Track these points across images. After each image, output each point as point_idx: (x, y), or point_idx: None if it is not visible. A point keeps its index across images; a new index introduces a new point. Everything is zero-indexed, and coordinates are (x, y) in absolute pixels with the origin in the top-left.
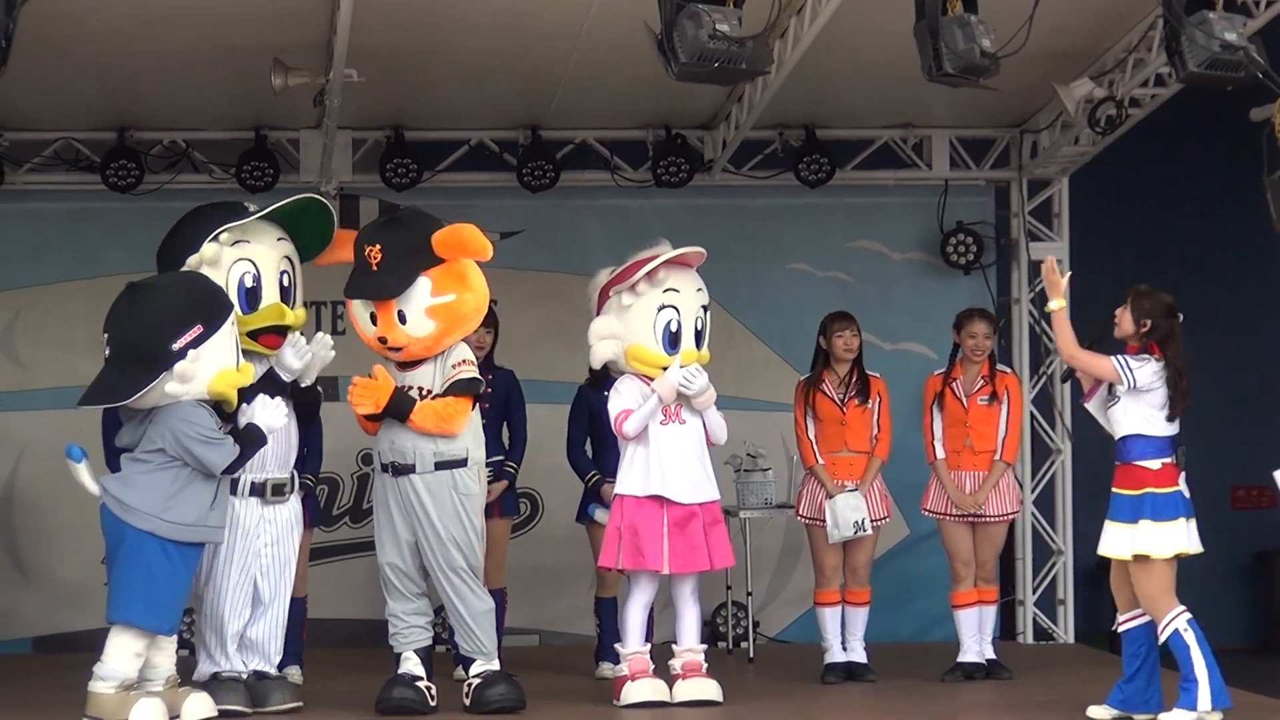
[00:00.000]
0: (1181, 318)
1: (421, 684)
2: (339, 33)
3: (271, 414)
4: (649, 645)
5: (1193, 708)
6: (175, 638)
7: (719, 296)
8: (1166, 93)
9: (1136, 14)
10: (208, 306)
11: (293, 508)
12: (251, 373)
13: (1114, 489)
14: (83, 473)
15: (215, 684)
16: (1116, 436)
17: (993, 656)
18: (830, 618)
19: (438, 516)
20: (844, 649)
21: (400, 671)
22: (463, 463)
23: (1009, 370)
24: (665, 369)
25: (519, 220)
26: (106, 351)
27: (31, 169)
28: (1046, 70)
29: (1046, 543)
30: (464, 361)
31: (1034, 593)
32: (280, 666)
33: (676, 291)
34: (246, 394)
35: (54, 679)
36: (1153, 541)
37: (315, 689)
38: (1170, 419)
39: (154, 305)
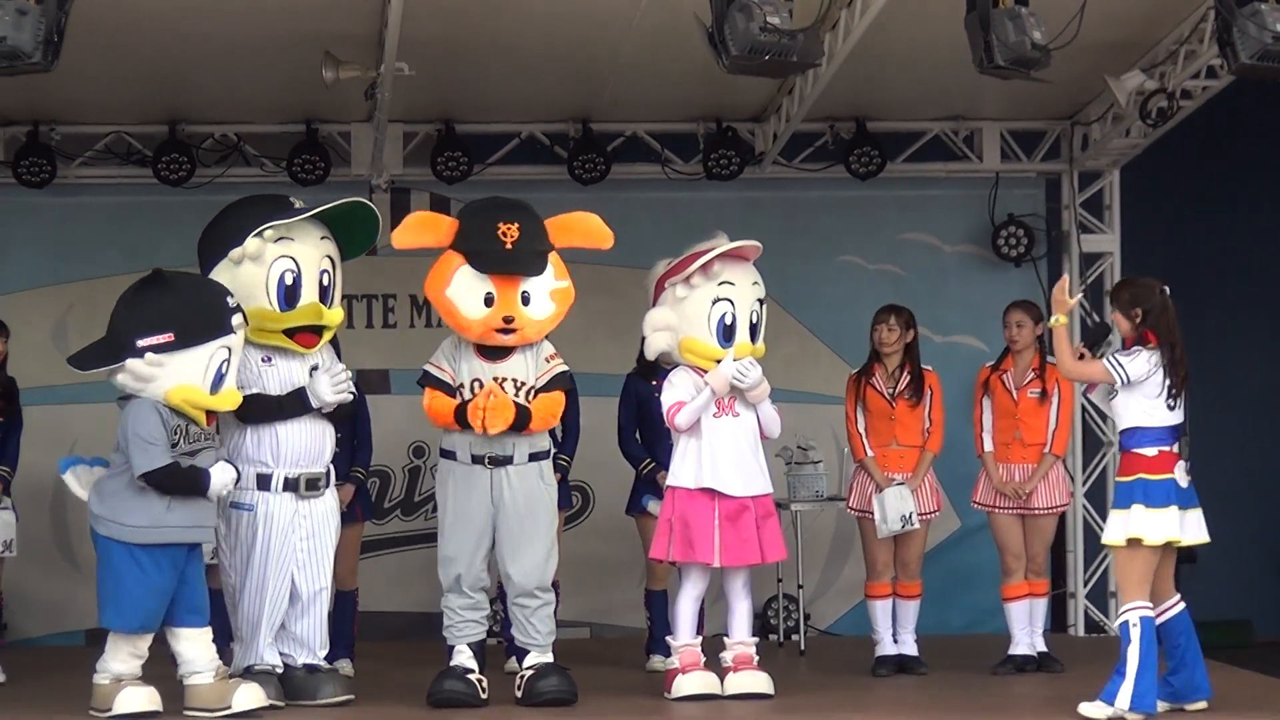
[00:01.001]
0: (1169, 290)
1: (473, 676)
2: (390, 26)
3: (220, 476)
4: (700, 638)
5: (1110, 700)
6: (207, 629)
7: (770, 289)
8: (1218, 85)
9: (1188, 6)
10: (194, 322)
11: (328, 501)
12: (238, 399)
13: (1116, 478)
14: (73, 484)
15: (250, 677)
16: (1119, 428)
17: (1044, 649)
18: (881, 610)
19: (526, 507)
20: (895, 641)
21: (453, 664)
22: (546, 454)
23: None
24: (719, 362)
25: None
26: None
27: (83, 163)
28: (1097, 62)
29: (1098, 535)
30: (555, 354)
31: (1085, 585)
32: (331, 659)
33: (732, 284)
34: (276, 409)
35: None
36: (1144, 526)
37: (366, 681)
38: (1171, 406)
39: (149, 297)
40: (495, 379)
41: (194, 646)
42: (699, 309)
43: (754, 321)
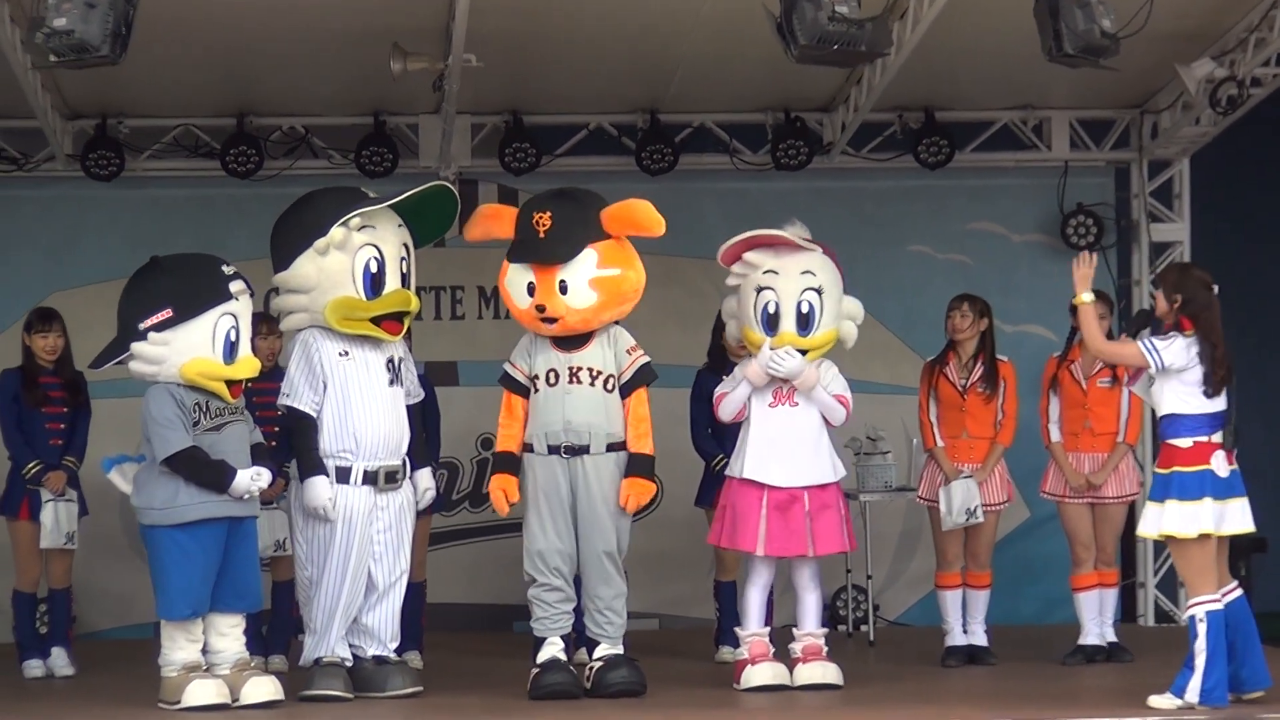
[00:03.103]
0: (1217, 289)
1: (573, 668)
2: (458, 17)
3: (245, 480)
4: (768, 628)
5: (1179, 693)
6: (238, 622)
7: None
8: None
9: None
10: (189, 293)
11: (405, 493)
12: (255, 367)
13: (1154, 469)
14: (119, 482)
15: (317, 669)
16: (1158, 415)
17: (1114, 639)
18: (951, 601)
19: (603, 497)
20: (964, 632)
21: (552, 657)
22: (622, 444)
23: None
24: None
25: None
26: None
27: (152, 155)
28: (1167, 50)
29: None
30: (636, 346)
31: (1155, 575)
32: (400, 651)
33: (775, 274)
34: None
35: None
36: (1176, 521)
37: (435, 673)
38: (1210, 395)
39: (144, 282)
40: (571, 369)
41: (221, 638)
42: (747, 298)
43: (804, 311)
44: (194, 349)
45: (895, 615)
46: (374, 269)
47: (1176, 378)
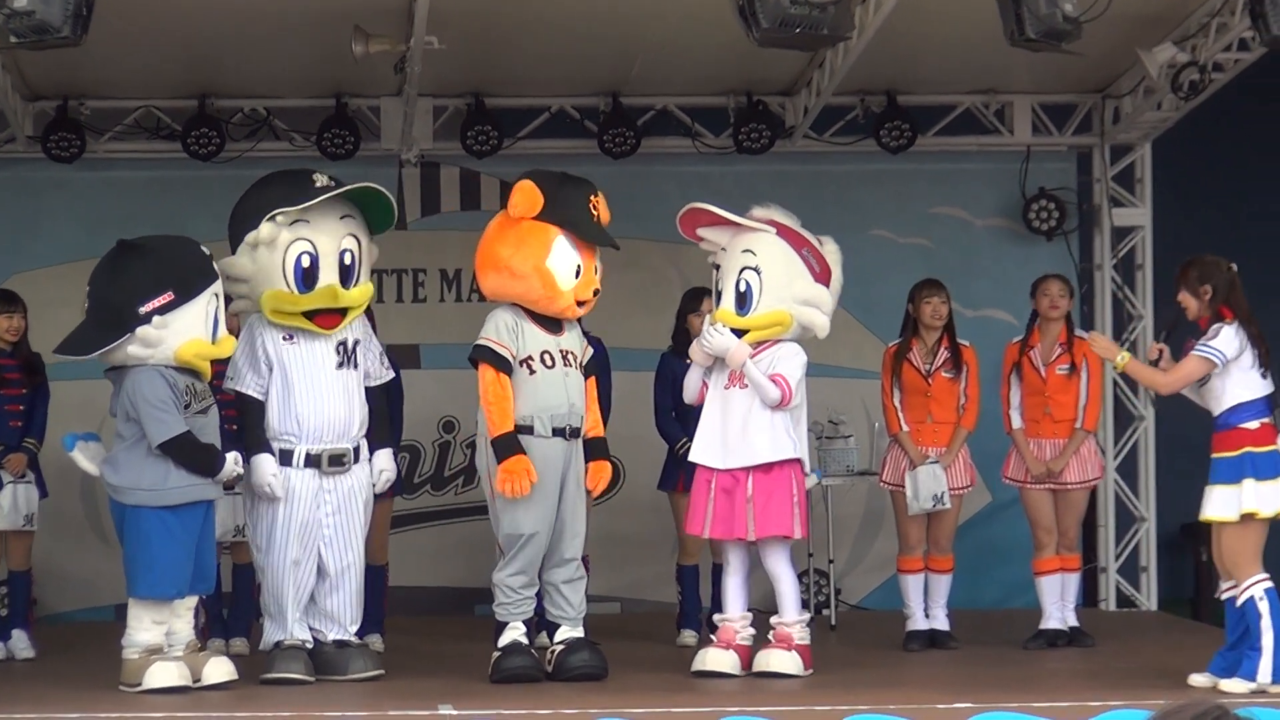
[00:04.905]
0: (1235, 267)
1: (534, 652)
2: None
3: (232, 465)
4: (745, 614)
5: (1252, 677)
6: (193, 604)
7: None
8: (1250, 57)
9: None
10: (184, 274)
11: (357, 477)
12: (233, 345)
13: (1214, 454)
14: (83, 461)
15: (278, 651)
16: (1216, 412)
17: (1075, 624)
18: (913, 585)
19: (578, 480)
20: (926, 616)
21: (514, 640)
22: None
23: (1087, 336)
24: None
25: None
26: (86, 305)
27: (113, 137)
28: (1129, 35)
29: (1129, 510)
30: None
31: (1116, 560)
32: (361, 634)
33: (724, 251)
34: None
35: None
36: (1258, 499)
37: (397, 656)
38: (1264, 375)
39: (132, 266)
40: (562, 351)
41: (178, 619)
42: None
43: (741, 290)
44: (190, 330)
45: (857, 599)
46: (305, 264)
47: (1235, 365)
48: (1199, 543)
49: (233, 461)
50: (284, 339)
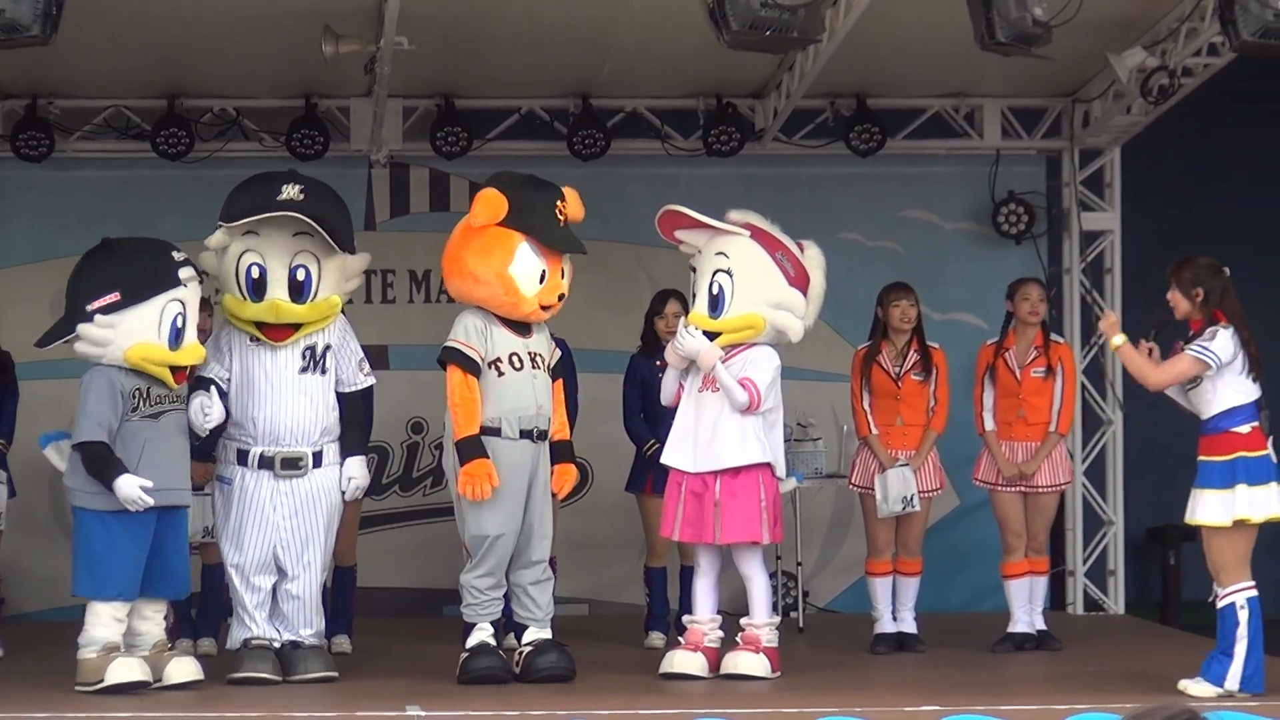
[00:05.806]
0: (1228, 271)
1: (502, 653)
2: (390, 0)
3: (125, 488)
4: (714, 617)
5: (1219, 682)
6: (161, 607)
7: None
8: (1220, 62)
9: None
10: (138, 278)
11: (318, 480)
12: (202, 353)
13: (1201, 457)
14: (55, 459)
15: (245, 651)
16: (1205, 416)
17: (1043, 627)
18: (881, 588)
19: (545, 482)
20: (894, 619)
21: (482, 641)
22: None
23: (1062, 341)
24: None
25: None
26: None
27: (82, 137)
28: (1099, 39)
29: (1097, 513)
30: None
31: (1084, 563)
32: (329, 635)
33: (699, 253)
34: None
35: None
36: (1250, 505)
37: (365, 657)
38: (1255, 379)
39: (94, 264)
40: (530, 354)
41: (144, 621)
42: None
43: (713, 293)
44: (139, 333)
45: (824, 602)
46: (255, 275)
47: (1228, 369)
48: (1166, 547)
49: (126, 484)
50: (250, 340)
